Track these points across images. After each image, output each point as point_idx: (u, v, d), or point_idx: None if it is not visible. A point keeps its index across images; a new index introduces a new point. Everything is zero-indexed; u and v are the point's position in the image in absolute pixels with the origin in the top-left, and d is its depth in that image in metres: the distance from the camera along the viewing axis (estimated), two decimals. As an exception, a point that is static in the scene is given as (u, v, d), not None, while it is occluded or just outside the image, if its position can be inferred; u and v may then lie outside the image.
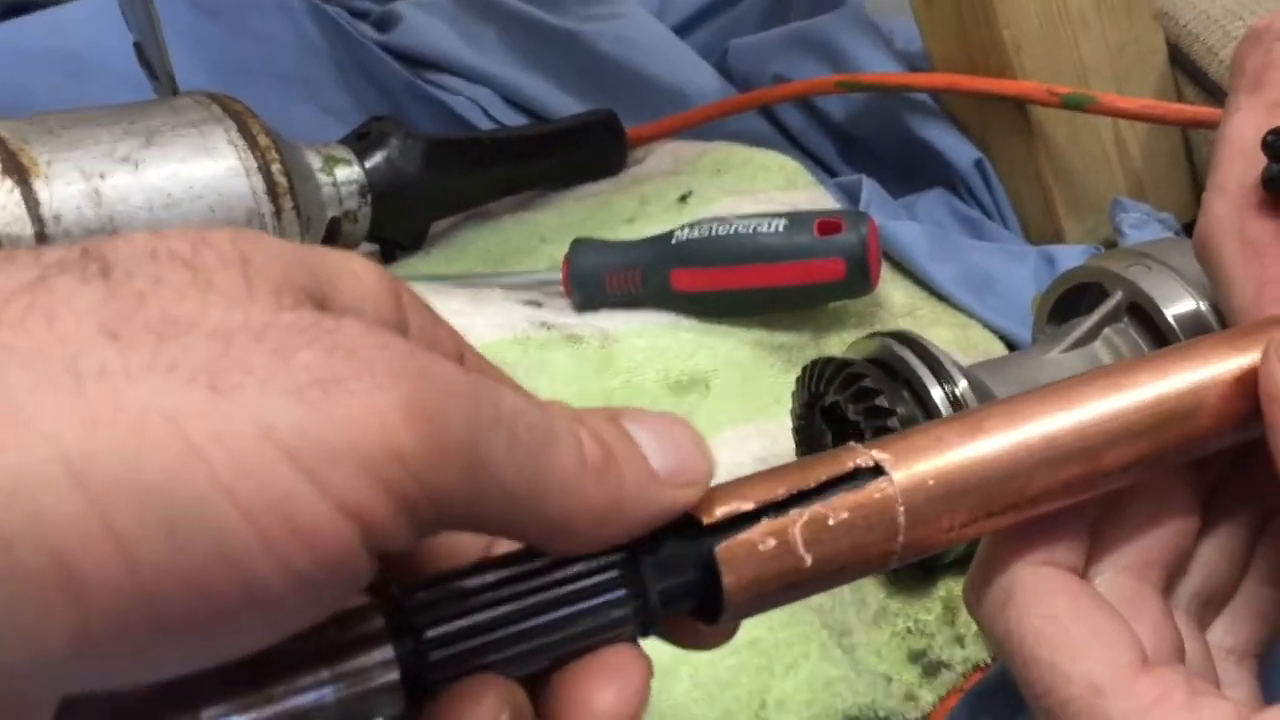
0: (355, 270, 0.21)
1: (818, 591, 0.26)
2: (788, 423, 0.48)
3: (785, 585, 0.25)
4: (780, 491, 0.25)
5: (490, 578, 0.23)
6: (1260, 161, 0.33)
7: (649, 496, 0.22)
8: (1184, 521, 0.31)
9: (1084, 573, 0.30)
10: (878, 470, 0.26)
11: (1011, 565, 0.28)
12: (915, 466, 0.27)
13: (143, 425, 0.16)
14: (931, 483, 0.27)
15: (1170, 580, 0.31)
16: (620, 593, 0.24)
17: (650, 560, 0.24)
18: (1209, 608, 0.32)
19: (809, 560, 0.25)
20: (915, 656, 0.43)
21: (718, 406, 0.52)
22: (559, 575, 0.23)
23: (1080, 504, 0.29)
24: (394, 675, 0.22)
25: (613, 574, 0.23)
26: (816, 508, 0.25)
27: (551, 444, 0.21)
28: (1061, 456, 0.28)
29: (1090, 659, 0.26)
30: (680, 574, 0.24)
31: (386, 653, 0.22)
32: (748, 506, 0.25)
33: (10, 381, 0.16)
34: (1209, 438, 0.29)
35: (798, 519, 0.25)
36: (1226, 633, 0.32)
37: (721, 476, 0.26)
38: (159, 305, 0.18)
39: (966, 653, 0.43)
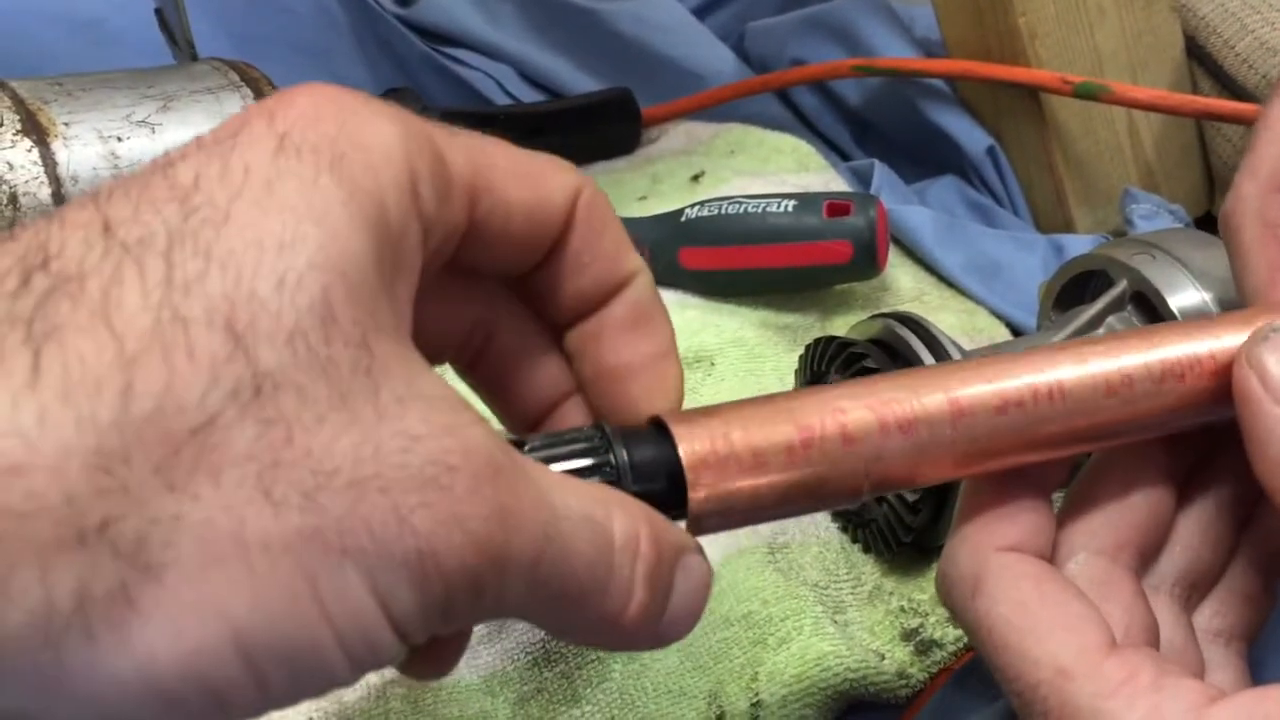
0: (388, 206, 0.22)
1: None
2: (790, 401, 0.49)
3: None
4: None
5: None
6: None
7: (637, 638, 0.25)
8: (1157, 503, 0.31)
9: (1054, 557, 0.30)
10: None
11: (979, 554, 0.29)
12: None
13: (293, 594, 0.20)
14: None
15: (1145, 562, 0.31)
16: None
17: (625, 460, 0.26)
18: (1195, 590, 0.32)
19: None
20: (908, 635, 0.43)
21: (722, 384, 0.52)
22: None
23: (1048, 468, 0.29)
24: None
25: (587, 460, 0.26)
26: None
27: (591, 597, 0.24)
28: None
29: (1056, 643, 0.27)
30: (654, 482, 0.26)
31: None
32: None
33: (186, 562, 0.19)
34: (1178, 416, 0.30)
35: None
36: (1214, 615, 0.32)
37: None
38: (304, 439, 0.20)
39: (958, 632, 0.43)
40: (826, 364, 0.46)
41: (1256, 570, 0.32)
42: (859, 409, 0.27)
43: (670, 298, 0.56)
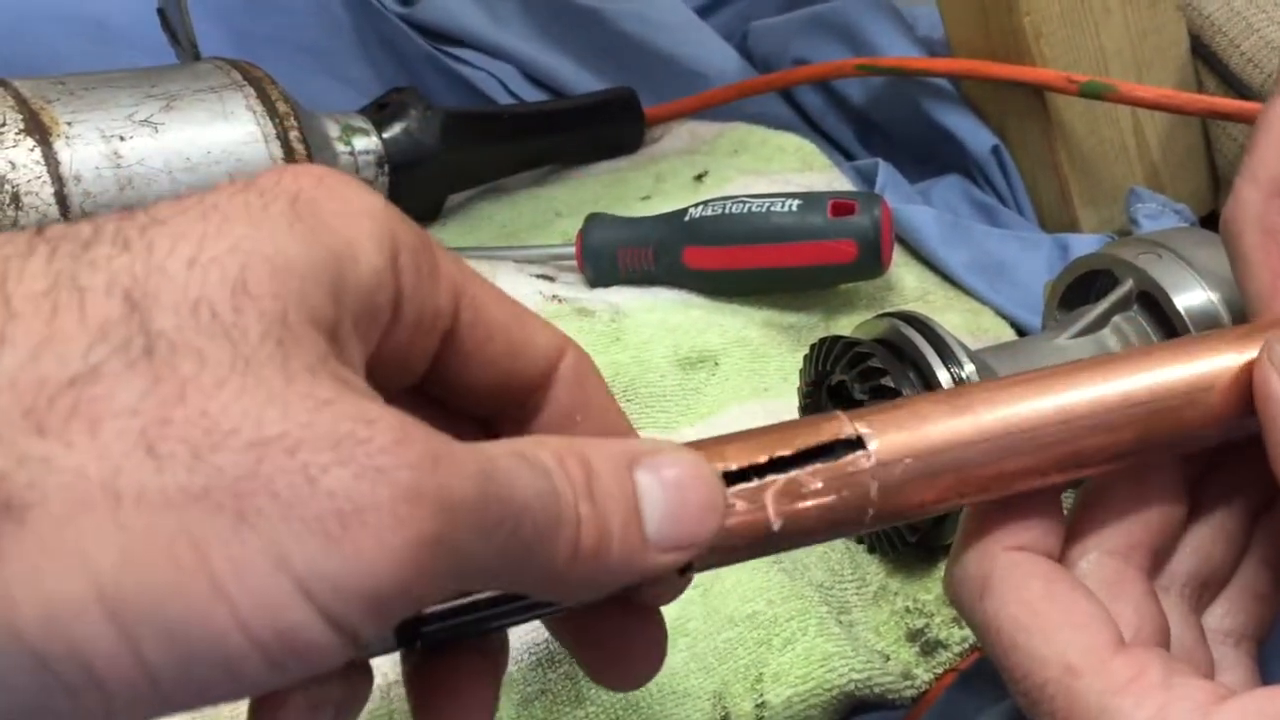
0: (358, 257, 0.22)
1: (781, 551, 0.27)
2: (794, 401, 0.49)
3: (752, 545, 0.26)
4: (759, 457, 0.26)
5: None
6: None
7: (630, 567, 0.23)
8: (1169, 505, 0.31)
9: (1064, 556, 0.30)
10: (858, 443, 0.27)
11: (988, 554, 0.29)
12: (895, 442, 0.27)
13: (173, 557, 0.18)
14: (909, 460, 0.27)
15: (1157, 563, 0.31)
16: None
17: None
18: (1205, 591, 0.32)
19: (778, 525, 0.26)
20: (913, 635, 0.43)
21: (726, 383, 0.52)
22: None
23: (1056, 487, 0.29)
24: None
25: None
26: (793, 474, 0.26)
27: (549, 534, 0.22)
28: (1041, 444, 0.28)
29: (1064, 641, 0.27)
30: None
31: None
32: (726, 468, 0.25)
33: (52, 506, 0.17)
34: (1197, 434, 0.29)
35: (771, 485, 0.26)
36: (1224, 615, 0.32)
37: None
38: (200, 401, 0.18)
39: (964, 633, 0.43)
40: (831, 364, 0.45)
41: (1267, 570, 0.32)
42: (867, 436, 0.27)
43: (674, 297, 0.56)
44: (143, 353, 0.18)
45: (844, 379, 0.45)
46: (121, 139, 0.48)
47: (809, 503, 0.26)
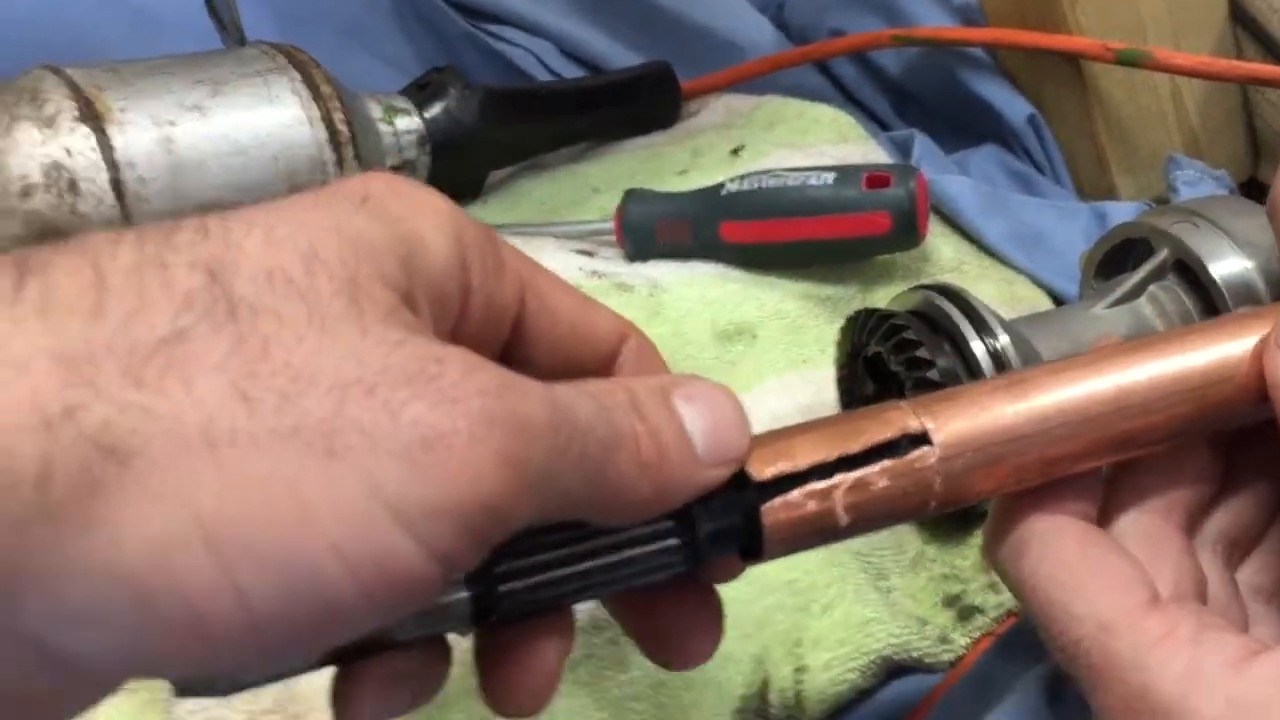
0: (428, 245, 0.23)
1: (847, 539, 0.28)
2: (832, 372, 0.49)
3: (820, 537, 0.27)
4: (826, 454, 0.27)
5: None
6: None
7: (691, 478, 0.25)
8: (1205, 463, 0.32)
9: (1103, 515, 0.31)
10: (922, 438, 0.28)
11: (1026, 517, 0.29)
12: (958, 435, 0.28)
13: (268, 494, 0.19)
14: (971, 453, 0.28)
15: (1193, 520, 0.32)
16: (673, 541, 0.26)
17: (703, 512, 0.26)
18: (1236, 549, 0.33)
19: (846, 521, 0.27)
20: (950, 601, 0.44)
21: (764, 355, 0.53)
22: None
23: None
24: (464, 596, 0.24)
25: (668, 523, 0.26)
26: (860, 474, 0.27)
27: (614, 450, 0.23)
28: (1099, 426, 0.29)
29: (1099, 599, 0.27)
30: (728, 522, 0.26)
31: (459, 587, 0.24)
32: (796, 468, 0.26)
33: (153, 450, 0.19)
34: (1249, 408, 0.30)
35: (841, 484, 0.27)
36: (1256, 572, 0.33)
37: (766, 424, 0.27)
38: (282, 354, 0.20)
39: (1000, 598, 0.44)
40: (867, 336, 0.46)
41: None
42: (932, 431, 0.28)
43: (711, 271, 0.57)
44: (226, 316, 0.20)
45: (880, 351, 0.45)
46: (172, 124, 0.50)
47: (875, 497, 0.27)
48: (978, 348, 0.43)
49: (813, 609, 0.42)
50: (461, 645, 0.26)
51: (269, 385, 0.19)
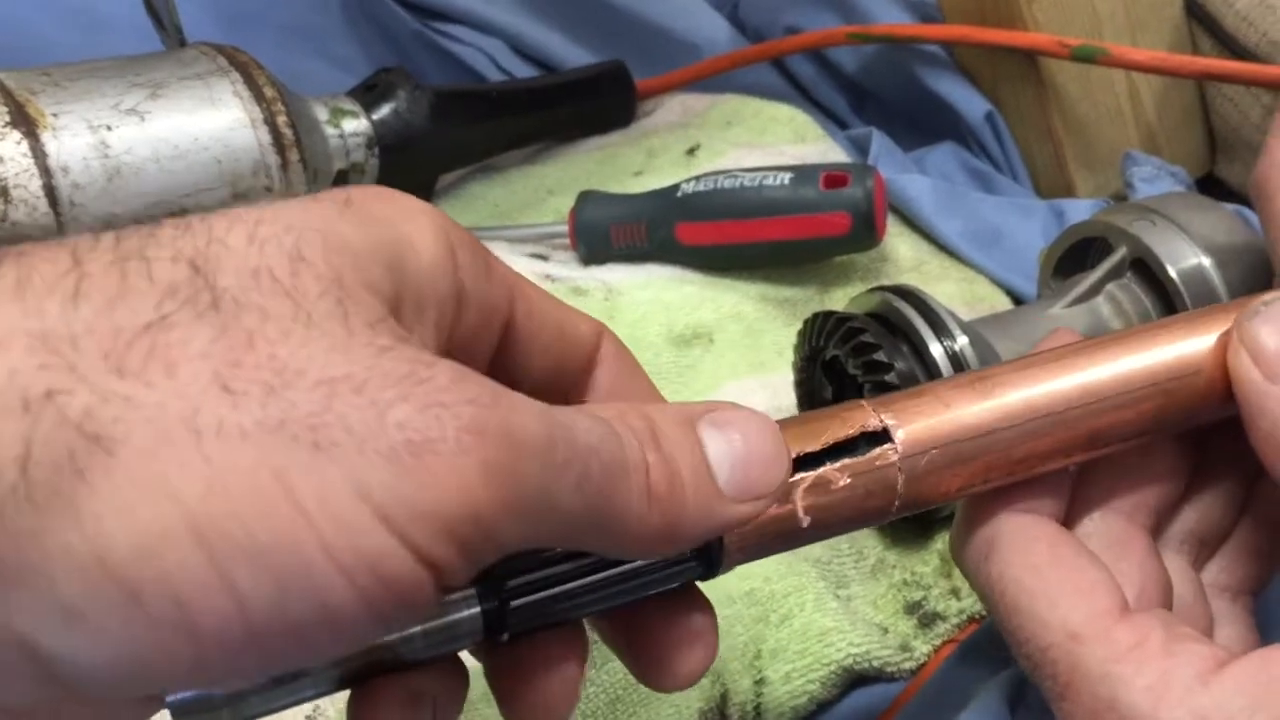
0: (417, 248, 0.23)
1: (811, 543, 0.27)
2: (790, 376, 0.49)
3: (781, 540, 0.26)
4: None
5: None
6: None
7: (709, 516, 0.24)
8: (1173, 463, 0.31)
9: (1070, 517, 0.30)
10: (884, 435, 0.27)
11: (994, 516, 0.29)
12: (920, 434, 0.27)
13: (256, 486, 0.18)
14: (935, 451, 0.27)
15: (1159, 522, 0.31)
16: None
17: None
18: (1203, 549, 0.32)
19: (806, 522, 0.26)
20: (911, 608, 0.43)
21: (721, 359, 0.52)
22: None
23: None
24: (475, 611, 0.24)
25: None
26: (821, 472, 0.26)
27: (621, 477, 0.22)
28: (1064, 423, 0.28)
29: (1068, 607, 0.27)
30: None
31: (471, 602, 0.24)
32: None
33: (137, 440, 0.18)
34: (1216, 404, 0.29)
35: (800, 484, 0.26)
36: (1221, 570, 0.32)
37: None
38: (267, 347, 0.19)
39: (962, 604, 0.43)
40: (825, 339, 0.45)
41: (1265, 529, 0.32)
42: (892, 427, 0.27)
43: (667, 274, 0.56)
44: (210, 305, 0.19)
45: (837, 354, 0.45)
46: (109, 129, 0.48)
47: (837, 498, 0.26)
48: (936, 350, 0.43)
49: (771, 619, 0.41)
50: (475, 662, 0.26)
51: (254, 377, 0.19)
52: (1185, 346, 0.29)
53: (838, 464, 0.26)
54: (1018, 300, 0.58)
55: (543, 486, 0.20)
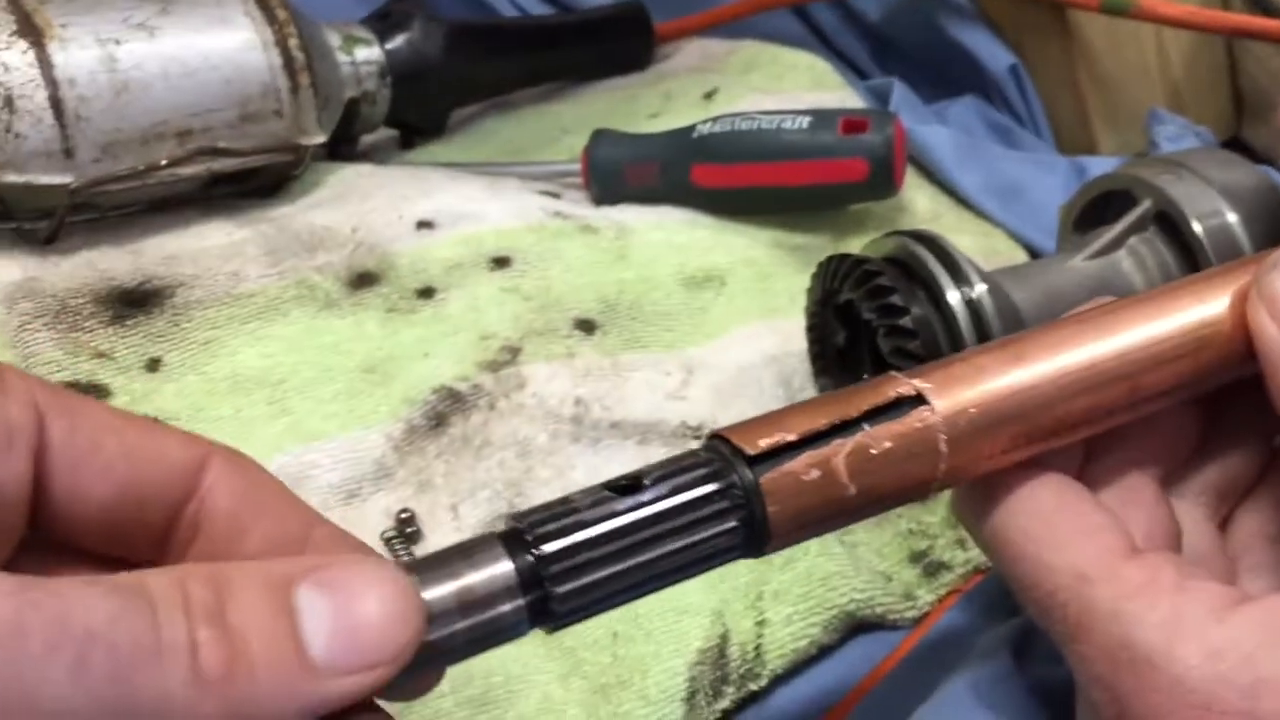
0: None
1: (860, 520, 0.27)
2: (801, 321, 0.48)
3: (830, 513, 0.26)
4: (822, 422, 0.25)
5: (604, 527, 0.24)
6: None
7: (293, 695, 0.21)
8: (1185, 421, 0.31)
9: (1081, 465, 0.29)
10: (919, 399, 0.26)
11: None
12: (957, 395, 0.27)
13: None
14: (973, 411, 0.26)
15: (1171, 470, 0.31)
16: (732, 522, 0.25)
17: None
18: (1223, 502, 0.32)
19: (853, 489, 0.25)
20: (916, 557, 0.43)
21: (732, 303, 0.51)
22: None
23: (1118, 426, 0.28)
24: (520, 602, 0.23)
25: (723, 503, 0.24)
26: (859, 437, 0.26)
27: (148, 661, 0.20)
28: (1102, 382, 0.28)
29: (1075, 549, 0.26)
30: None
31: (515, 594, 0.23)
32: (791, 437, 0.25)
33: None
34: (1237, 362, 0.29)
35: (840, 449, 0.25)
36: (1245, 524, 0.32)
37: (733, 373, 0.26)
38: None
39: (968, 555, 0.43)
40: (839, 282, 0.45)
41: None
42: (928, 392, 0.26)
43: (681, 216, 0.55)
44: None
45: (851, 298, 0.44)
46: (117, 43, 0.47)
47: (880, 463, 0.25)
48: (953, 297, 0.42)
49: (775, 562, 0.40)
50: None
51: None
52: (1212, 307, 0.29)
53: (878, 427, 0.26)
54: (1036, 256, 0.57)
55: (15, 679, 0.18)
